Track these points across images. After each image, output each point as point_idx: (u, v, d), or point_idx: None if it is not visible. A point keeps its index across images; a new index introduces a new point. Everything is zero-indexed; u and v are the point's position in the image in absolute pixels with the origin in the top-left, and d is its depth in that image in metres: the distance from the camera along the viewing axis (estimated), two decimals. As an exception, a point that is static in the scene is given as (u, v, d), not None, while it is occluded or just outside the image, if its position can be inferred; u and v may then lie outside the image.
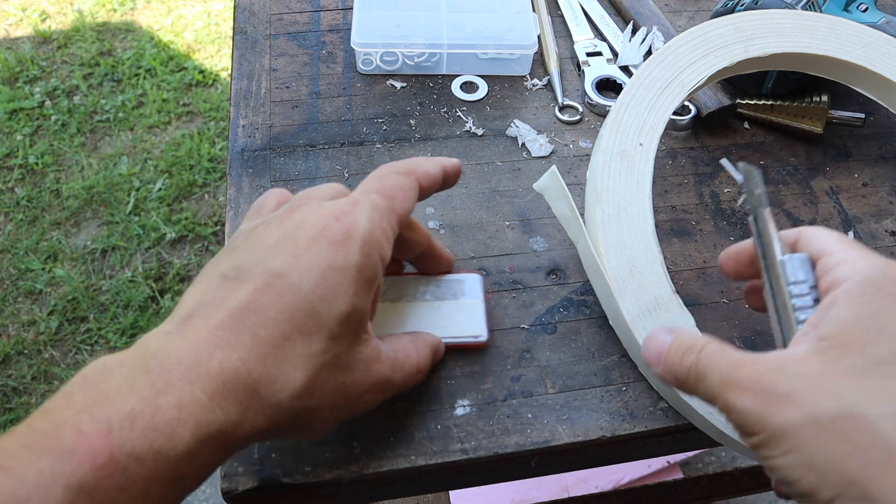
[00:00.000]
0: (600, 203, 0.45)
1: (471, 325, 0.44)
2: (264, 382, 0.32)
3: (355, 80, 0.62)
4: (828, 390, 0.30)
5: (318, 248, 0.34)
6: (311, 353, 0.33)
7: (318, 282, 0.33)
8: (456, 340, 0.44)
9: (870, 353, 0.31)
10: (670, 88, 0.49)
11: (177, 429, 0.30)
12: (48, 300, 1.48)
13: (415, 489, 0.44)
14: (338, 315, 0.34)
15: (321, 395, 0.34)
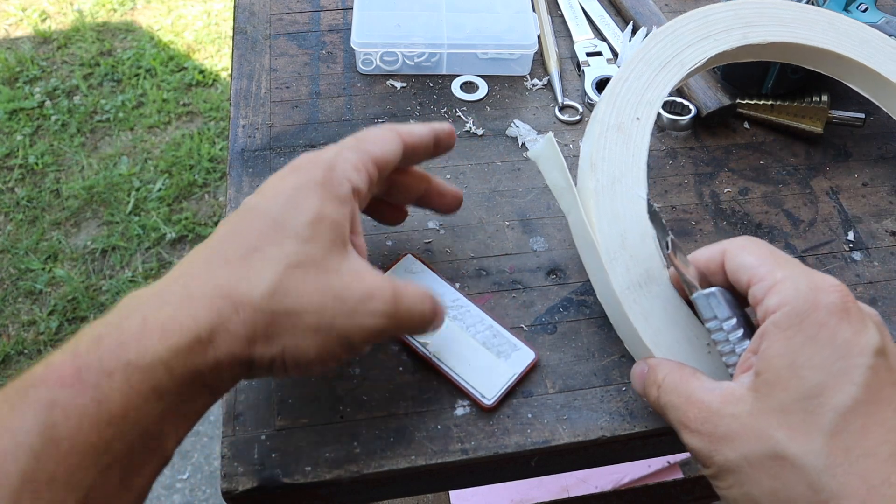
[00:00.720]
0: (595, 172, 0.45)
1: (488, 384, 0.43)
2: (233, 285, 0.33)
3: (355, 80, 0.62)
4: (758, 431, 0.32)
5: (287, 178, 0.37)
6: (281, 254, 0.34)
7: (285, 201, 0.36)
8: (465, 386, 0.43)
9: (794, 388, 0.31)
10: (669, 67, 0.49)
11: (143, 339, 0.31)
12: (48, 300, 1.48)
13: (415, 489, 0.44)
14: (304, 220, 0.35)
15: (300, 294, 0.34)
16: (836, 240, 0.53)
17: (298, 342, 0.34)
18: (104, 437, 0.29)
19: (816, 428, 0.31)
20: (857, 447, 0.30)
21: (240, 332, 0.32)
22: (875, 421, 0.30)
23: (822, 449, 0.30)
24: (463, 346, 0.45)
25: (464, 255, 0.50)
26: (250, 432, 0.41)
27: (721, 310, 0.37)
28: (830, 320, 0.32)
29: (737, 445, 0.32)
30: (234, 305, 0.32)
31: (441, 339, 0.45)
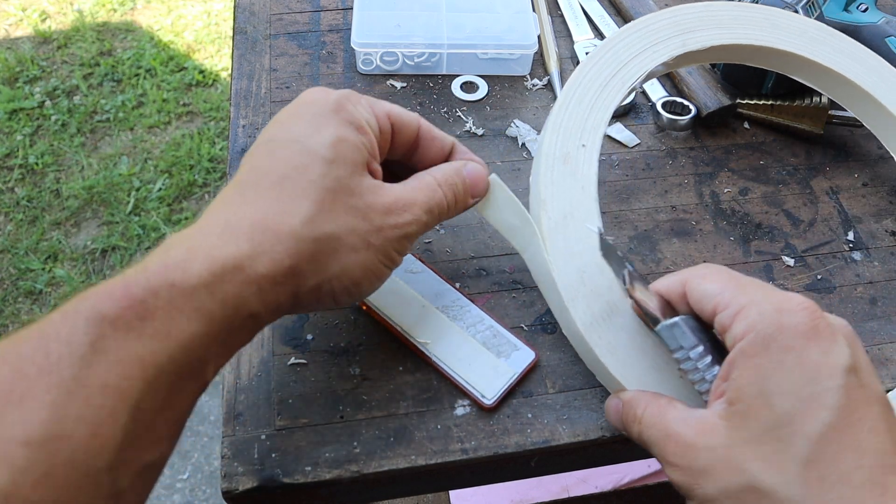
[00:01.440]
0: (545, 210, 0.44)
1: (488, 384, 0.43)
2: (272, 215, 0.34)
3: (355, 80, 0.62)
4: (733, 464, 0.31)
5: (301, 109, 0.38)
6: (311, 180, 0.35)
7: (303, 126, 0.37)
8: (465, 385, 0.43)
9: (765, 417, 0.31)
10: (610, 86, 0.48)
11: (188, 262, 0.32)
12: (48, 300, 1.48)
13: (415, 489, 0.44)
14: (326, 142, 0.36)
15: (334, 217, 0.35)
16: (836, 240, 0.53)
17: (343, 265, 0.35)
18: (150, 350, 0.30)
19: (789, 457, 0.30)
20: (831, 474, 0.29)
21: (284, 261, 0.33)
22: (848, 445, 0.30)
23: (796, 479, 0.30)
24: (463, 346, 0.45)
25: (464, 254, 0.50)
26: (250, 432, 0.41)
27: (686, 339, 0.36)
28: (797, 343, 0.31)
29: (715, 479, 0.32)
30: (276, 236, 0.33)
31: (441, 339, 0.45)
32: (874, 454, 0.30)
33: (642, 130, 0.60)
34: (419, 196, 0.39)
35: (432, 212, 0.39)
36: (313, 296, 0.35)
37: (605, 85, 0.48)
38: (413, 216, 0.38)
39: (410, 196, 0.38)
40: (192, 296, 0.31)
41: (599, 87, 0.48)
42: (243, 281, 0.32)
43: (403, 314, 0.45)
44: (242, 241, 0.33)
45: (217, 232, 0.33)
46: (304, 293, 0.35)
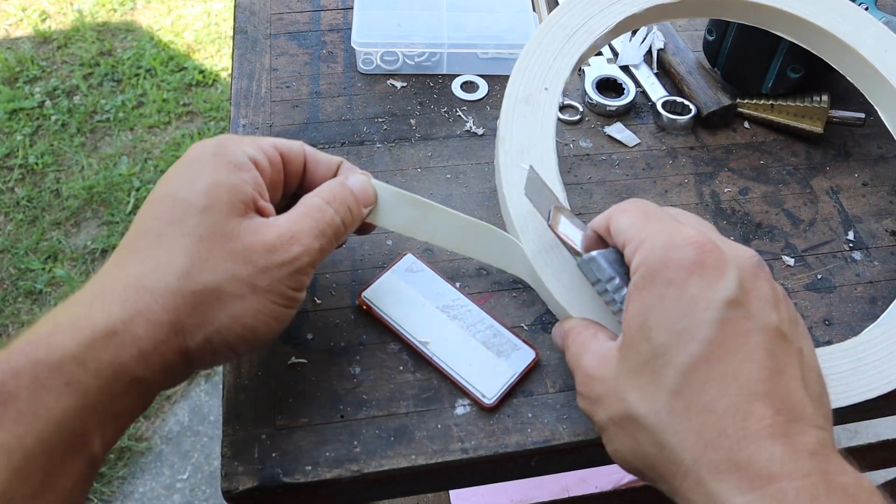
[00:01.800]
0: (503, 145, 0.46)
1: (489, 383, 0.43)
2: (147, 273, 0.33)
3: (355, 79, 0.62)
4: (617, 393, 0.33)
5: (182, 165, 0.37)
6: (184, 233, 0.34)
7: (181, 181, 0.36)
8: (466, 385, 0.43)
9: (644, 349, 0.32)
10: (577, 36, 0.50)
11: (54, 336, 0.30)
12: (48, 300, 1.48)
13: (415, 489, 0.44)
14: (200, 189, 0.35)
15: (212, 266, 0.33)
16: (836, 239, 0.53)
17: (230, 314, 0.34)
18: (14, 434, 0.28)
19: (661, 388, 0.31)
20: (696, 403, 0.30)
21: (162, 319, 0.32)
22: (717, 375, 0.30)
23: (664, 408, 0.31)
24: (463, 346, 0.45)
25: (464, 254, 0.50)
26: (250, 432, 0.41)
27: (602, 272, 0.37)
28: (679, 276, 0.32)
29: (604, 407, 0.34)
30: (150, 294, 0.32)
31: (441, 339, 0.45)
32: (742, 383, 0.30)
33: (642, 130, 0.60)
34: (306, 223, 0.37)
35: (325, 234, 0.37)
36: (206, 350, 0.34)
37: (573, 35, 0.50)
38: (302, 247, 0.36)
39: (296, 226, 0.36)
40: (60, 370, 0.29)
41: (566, 36, 0.50)
42: (119, 346, 0.31)
43: (403, 314, 0.45)
44: (115, 305, 0.31)
45: (87, 301, 0.32)
46: (195, 349, 0.33)
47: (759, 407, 0.30)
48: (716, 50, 0.60)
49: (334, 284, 0.48)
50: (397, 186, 0.54)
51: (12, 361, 0.29)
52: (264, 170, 0.38)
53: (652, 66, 0.64)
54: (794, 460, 0.29)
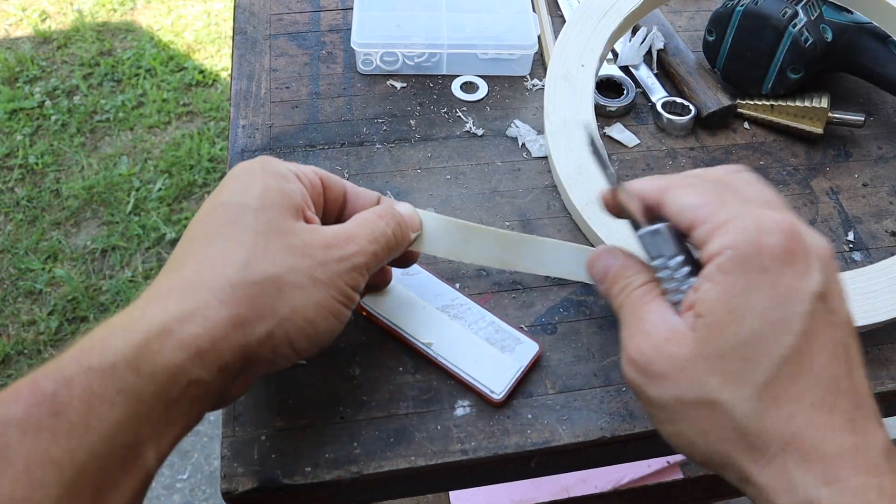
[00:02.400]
0: (548, 118, 0.53)
1: (495, 379, 0.43)
2: (201, 271, 0.32)
3: (355, 80, 0.62)
4: (693, 376, 0.32)
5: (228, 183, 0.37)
6: (240, 229, 0.34)
7: (229, 189, 0.36)
8: (473, 382, 0.43)
9: (732, 334, 0.31)
10: (608, 16, 0.56)
11: (106, 341, 0.29)
12: (48, 300, 1.48)
13: (415, 489, 0.44)
14: (254, 193, 0.35)
15: (271, 257, 0.33)
16: (836, 240, 0.53)
17: (292, 305, 0.33)
18: (65, 448, 0.26)
19: (751, 377, 0.31)
20: (785, 394, 0.30)
21: (222, 313, 0.31)
22: (806, 368, 0.31)
23: (752, 397, 0.31)
24: (466, 344, 0.45)
25: (464, 255, 0.50)
26: (250, 432, 0.41)
27: (667, 247, 0.35)
28: (773, 265, 0.31)
29: (669, 386, 0.32)
30: (209, 290, 0.31)
31: (444, 338, 0.45)
32: (828, 378, 0.31)
33: (642, 131, 0.60)
34: (360, 229, 0.37)
35: (378, 241, 0.38)
36: (267, 346, 0.33)
37: (604, 15, 0.56)
38: (358, 247, 0.36)
39: (351, 230, 0.37)
40: (113, 376, 0.28)
41: (598, 17, 0.56)
42: (175, 346, 0.29)
43: (404, 317, 0.45)
44: (170, 303, 0.30)
45: (141, 304, 0.31)
46: (255, 344, 0.32)
47: (843, 402, 0.30)
48: (716, 50, 0.60)
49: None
50: (397, 187, 0.54)
51: (64, 370, 0.28)
52: (307, 187, 0.39)
53: (652, 67, 0.64)
54: (873, 457, 0.29)
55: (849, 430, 0.30)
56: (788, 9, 0.56)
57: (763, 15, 0.56)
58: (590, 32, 0.55)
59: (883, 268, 0.47)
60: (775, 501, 0.30)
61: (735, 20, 0.58)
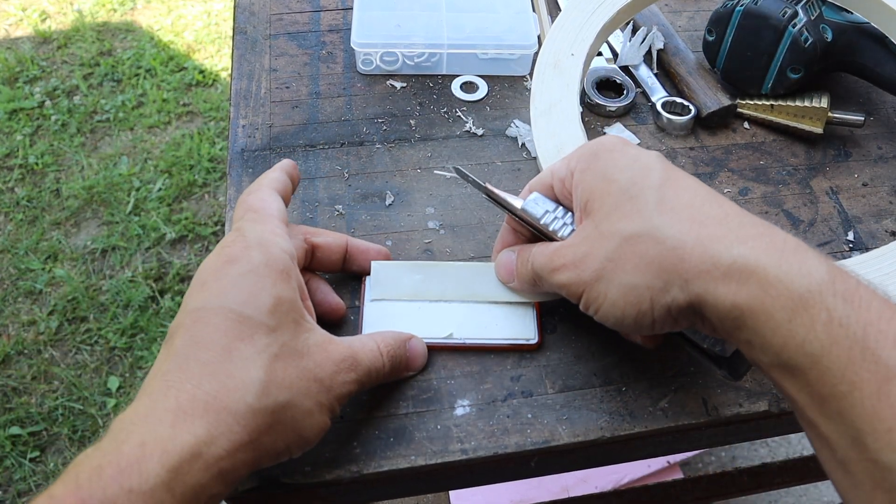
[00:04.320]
0: (534, 101, 0.54)
1: (522, 327, 0.45)
2: (223, 393, 0.33)
3: (355, 80, 0.62)
4: (605, 234, 0.38)
5: (224, 269, 0.37)
6: (257, 351, 0.34)
7: (236, 292, 0.36)
8: (507, 342, 0.45)
9: (615, 190, 0.38)
10: (601, 10, 0.57)
11: (144, 464, 0.30)
12: (48, 300, 1.48)
13: (415, 489, 0.44)
14: (266, 308, 0.35)
15: (288, 385, 0.35)
16: (836, 240, 0.53)
17: (300, 428, 0.35)
18: None
19: (645, 204, 0.37)
20: (677, 204, 0.36)
21: (243, 437, 0.33)
22: (683, 186, 0.37)
23: (654, 214, 0.36)
24: (477, 315, 0.45)
25: (464, 255, 0.50)
26: (250, 432, 0.41)
27: (546, 203, 0.43)
28: (617, 147, 0.40)
29: (596, 253, 0.38)
30: (232, 415, 0.33)
31: (457, 323, 0.45)
32: (705, 191, 0.37)
33: (642, 130, 0.60)
34: (363, 358, 0.39)
35: (370, 375, 0.39)
36: (273, 461, 0.35)
37: (596, 9, 0.57)
38: (357, 375, 0.38)
39: (355, 356, 0.38)
40: (153, 498, 0.30)
41: (592, 10, 0.57)
42: (202, 468, 0.31)
43: (409, 326, 0.45)
44: (198, 425, 0.32)
45: (169, 420, 0.32)
46: (265, 459, 0.35)
47: (724, 198, 0.37)
48: (716, 50, 0.60)
49: (333, 285, 0.48)
50: (397, 187, 0.54)
51: (107, 490, 0.29)
52: (298, 263, 0.41)
53: (652, 67, 0.64)
54: (773, 226, 0.35)
55: (740, 212, 0.36)
56: (788, 9, 0.56)
57: (763, 15, 0.56)
58: (582, 23, 0.56)
59: (875, 256, 0.47)
60: (708, 280, 0.34)
61: (735, 20, 0.58)
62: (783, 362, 0.32)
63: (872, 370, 0.29)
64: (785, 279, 0.32)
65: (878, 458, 0.29)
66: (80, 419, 1.33)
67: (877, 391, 0.29)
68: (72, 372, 1.39)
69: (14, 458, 1.28)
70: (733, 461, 1.28)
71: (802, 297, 0.31)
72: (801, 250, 0.33)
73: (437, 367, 0.44)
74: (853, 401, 0.30)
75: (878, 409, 0.29)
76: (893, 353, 0.29)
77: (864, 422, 0.29)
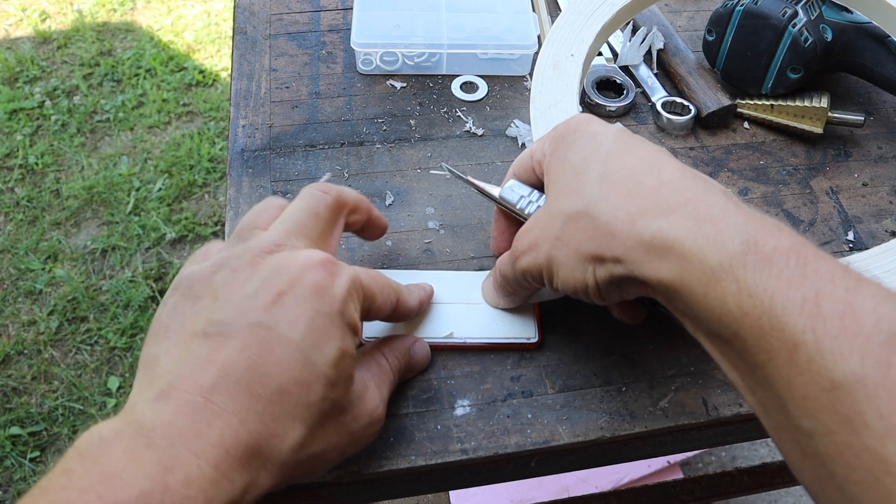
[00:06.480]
0: (534, 102, 0.54)
1: (523, 326, 0.45)
2: (265, 439, 0.31)
3: (355, 80, 0.62)
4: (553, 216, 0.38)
5: (303, 294, 0.34)
6: (309, 403, 0.33)
7: (308, 329, 0.33)
8: (507, 341, 0.45)
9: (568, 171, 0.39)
10: (601, 10, 0.57)
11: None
12: (48, 300, 1.48)
13: (415, 489, 0.44)
14: (331, 360, 0.33)
15: (323, 439, 0.34)
16: (836, 240, 0.53)
17: (314, 471, 0.35)
18: None
19: (588, 182, 0.37)
20: (619, 176, 0.36)
21: (266, 485, 0.32)
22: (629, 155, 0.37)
23: (595, 190, 0.37)
24: (477, 315, 0.46)
25: (464, 255, 0.50)
26: (250, 432, 0.41)
27: (522, 189, 0.44)
28: (580, 125, 0.40)
29: (546, 236, 0.38)
30: (264, 463, 0.32)
31: (457, 323, 0.45)
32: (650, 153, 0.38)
33: (642, 130, 0.60)
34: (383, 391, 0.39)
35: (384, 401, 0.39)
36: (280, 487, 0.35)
37: (596, 10, 0.57)
38: (379, 427, 0.38)
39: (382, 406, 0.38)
40: None
41: (591, 12, 0.57)
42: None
43: (414, 327, 0.45)
44: (238, 474, 0.30)
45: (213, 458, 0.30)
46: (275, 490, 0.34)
47: (669, 166, 0.36)
48: (716, 50, 0.60)
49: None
50: (397, 187, 0.54)
51: None
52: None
53: (652, 67, 0.64)
54: (709, 192, 0.34)
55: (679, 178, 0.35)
56: (788, 8, 0.56)
57: (763, 15, 0.56)
58: (582, 24, 0.56)
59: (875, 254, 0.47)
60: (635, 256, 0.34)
61: (735, 20, 0.58)
62: (712, 332, 0.33)
63: (781, 338, 0.29)
64: (699, 252, 0.32)
65: (799, 425, 0.29)
66: (80, 419, 1.33)
67: (788, 359, 0.29)
68: (72, 372, 1.39)
69: (14, 458, 1.28)
70: (733, 461, 1.28)
71: (714, 269, 0.31)
72: (721, 219, 0.33)
73: (437, 368, 0.44)
74: (771, 370, 0.30)
75: (792, 377, 0.29)
76: (799, 319, 0.29)
77: (783, 389, 0.29)
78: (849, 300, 0.29)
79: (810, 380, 0.28)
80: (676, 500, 0.89)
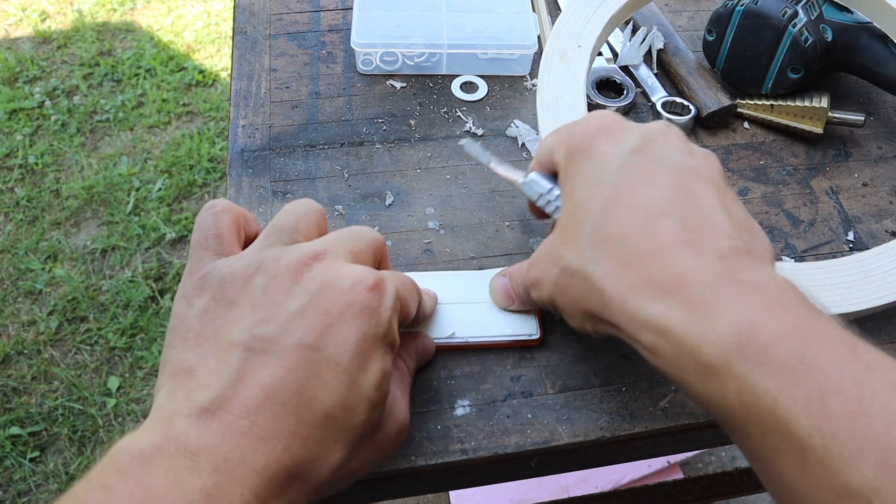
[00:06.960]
0: (540, 93, 0.53)
1: (524, 323, 0.45)
2: (307, 463, 0.31)
3: (355, 80, 0.62)
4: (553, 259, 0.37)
5: (352, 316, 0.33)
6: (353, 426, 0.32)
7: (355, 353, 0.32)
8: (510, 339, 0.45)
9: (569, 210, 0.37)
10: (608, 1, 0.57)
11: None
12: (48, 300, 1.48)
13: (415, 489, 0.44)
14: (374, 383, 0.33)
15: (359, 456, 0.34)
16: (836, 240, 0.53)
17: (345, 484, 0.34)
18: None
19: (582, 233, 0.35)
20: (610, 236, 0.34)
21: (298, 499, 0.31)
22: (626, 206, 0.35)
23: (587, 248, 0.35)
24: (478, 314, 0.46)
25: (464, 255, 0.50)
26: (250, 432, 0.41)
27: (541, 186, 0.42)
28: (588, 143, 0.38)
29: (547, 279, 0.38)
30: (302, 487, 0.31)
31: (458, 322, 0.45)
32: (648, 207, 0.34)
33: (642, 130, 0.60)
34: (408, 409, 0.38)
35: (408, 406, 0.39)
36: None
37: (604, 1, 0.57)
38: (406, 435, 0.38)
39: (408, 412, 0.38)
40: None
41: (598, 3, 0.57)
42: None
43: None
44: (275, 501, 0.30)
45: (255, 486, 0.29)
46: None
47: (665, 223, 0.33)
48: (716, 50, 0.60)
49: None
50: (397, 187, 0.54)
51: None
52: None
53: (652, 67, 0.64)
54: (704, 266, 0.32)
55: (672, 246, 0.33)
56: (788, 8, 0.56)
57: (763, 14, 0.56)
58: (588, 15, 0.56)
59: (875, 254, 0.47)
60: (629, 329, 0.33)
61: (735, 20, 0.58)
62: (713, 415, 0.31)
63: (789, 440, 0.28)
64: (693, 347, 0.30)
65: None
66: (80, 419, 1.33)
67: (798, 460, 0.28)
68: (72, 372, 1.39)
69: (14, 458, 1.28)
70: (733, 461, 1.28)
71: (710, 364, 0.30)
72: (713, 305, 0.30)
73: (437, 368, 0.44)
74: (780, 468, 0.28)
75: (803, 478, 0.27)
76: (806, 422, 0.27)
77: (794, 485, 0.28)
78: (858, 396, 0.27)
79: (824, 483, 0.27)
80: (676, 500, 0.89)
